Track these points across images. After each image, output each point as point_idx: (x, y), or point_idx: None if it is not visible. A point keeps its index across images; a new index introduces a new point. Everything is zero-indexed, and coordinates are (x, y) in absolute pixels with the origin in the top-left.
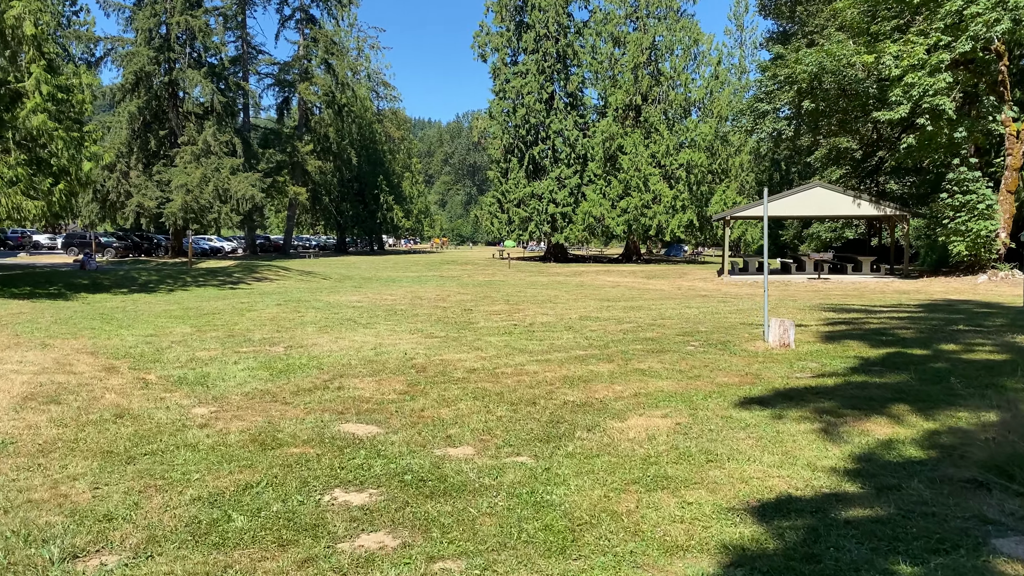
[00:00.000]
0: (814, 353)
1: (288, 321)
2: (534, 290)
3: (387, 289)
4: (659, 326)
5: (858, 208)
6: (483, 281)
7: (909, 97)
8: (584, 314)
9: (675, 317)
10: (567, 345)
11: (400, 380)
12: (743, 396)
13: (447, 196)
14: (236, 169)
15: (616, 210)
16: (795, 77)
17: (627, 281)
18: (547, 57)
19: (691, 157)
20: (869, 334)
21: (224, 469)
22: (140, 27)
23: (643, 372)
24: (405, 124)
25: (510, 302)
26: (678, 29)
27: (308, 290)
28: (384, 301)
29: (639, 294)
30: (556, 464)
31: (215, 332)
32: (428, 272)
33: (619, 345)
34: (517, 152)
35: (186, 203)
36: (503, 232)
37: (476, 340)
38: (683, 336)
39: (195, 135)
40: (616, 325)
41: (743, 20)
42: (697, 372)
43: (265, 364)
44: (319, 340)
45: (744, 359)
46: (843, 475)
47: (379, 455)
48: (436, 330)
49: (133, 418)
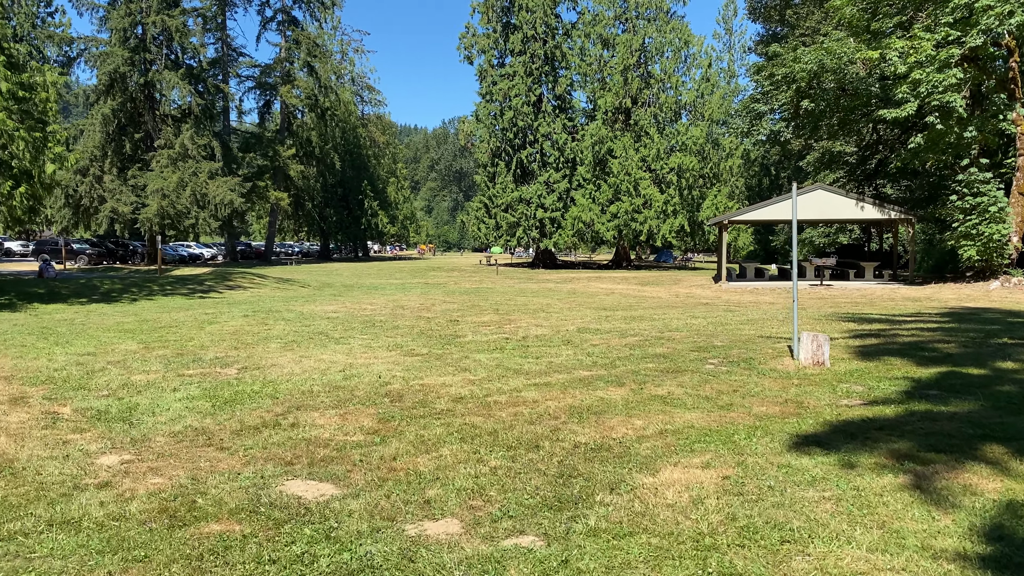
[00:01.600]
0: (855, 373)
1: (251, 335)
2: (524, 298)
3: (368, 298)
4: (668, 340)
5: (861, 211)
6: (470, 288)
7: (917, 94)
8: (582, 325)
9: (683, 329)
10: (568, 364)
11: (370, 413)
12: (794, 433)
13: (433, 202)
14: (215, 173)
15: (606, 215)
16: (794, 76)
17: (621, 288)
18: (535, 59)
19: (682, 161)
20: (907, 349)
21: (101, 569)
22: (115, 27)
23: (663, 400)
24: (390, 129)
25: (500, 312)
26: (668, 31)
27: (282, 299)
28: (363, 311)
29: (636, 302)
30: (575, 551)
31: (163, 350)
32: (413, 279)
33: (627, 363)
34: (504, 156)
35: (162, 208)
36: (490, 238)
37: (463, 358)
38: (698, 352)
39: (172, 138)
40: (619, 338)
41: (732, 24)
42: (727, 399)
43: (209, 392)
44: (281, 360)
45: (777, 382)
46: (981, 567)
47: (329, 537)
48: (418, 345)
49: (12, 474)
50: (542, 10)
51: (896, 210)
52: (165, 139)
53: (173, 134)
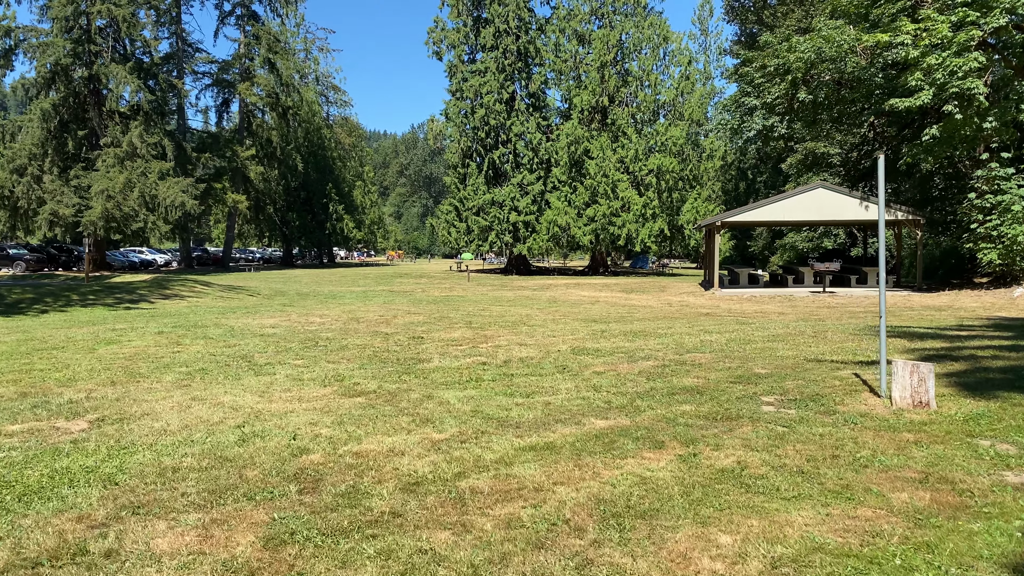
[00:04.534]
0: (980, 421)
1: (149, 362)
2: (500, 307)
3: (321, 308)
4: (692, 366)
5: (866, 212)
6: (439, 297)
7: (932, 81)
8: (576, 344)
9: (702, 348)
10: (572, 406)
11: (256, 524)
12: (996, 559)
13: (403, 208)
14: (166, 174)
15: (583, 219)
16: (788, 67)
17: (605, 296)
18: (507, 55)
19: (661, 162)
20: (1015, 379)
21: None
22: (57, 15)
23: (739, 480)
24: (357, 131)
25: (473, 325)
26: (646, 26)
27: (219, 311)
28: (308, 325)
29: (627, 312)
30: None
31: (10, 386)
32: (377, 286)
33: (653, 403)
34: (476, 156)
35: (107, 211)
36: (461, 242)
37: (424, 399)
38: (741, 385)
39: (120, 136)
40: (628, 363)
41: (708, 24)
42: (836, 476)
43: (11, 467)
44: (162, 405)
45: (882, 437)
46: None
47: None
48: (365, 377)
49: None
50: (515, 3)
51: (903, 210)
52: (112, 137)
53: (121, 132)
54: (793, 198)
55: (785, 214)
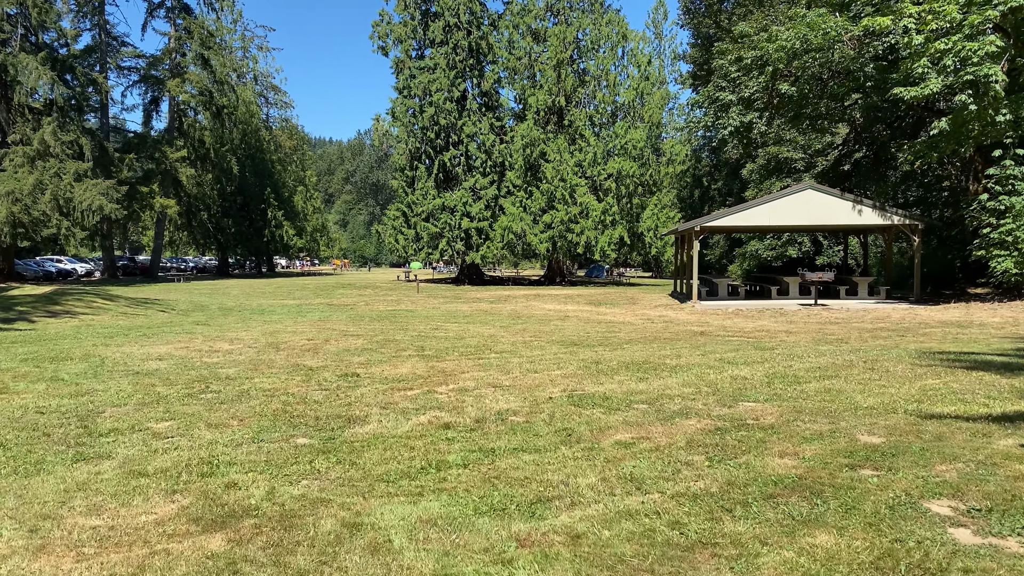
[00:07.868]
0: None
1: None
2: (457, 325)
3: (238, 329)
4: (759, 428)
5: (859, 216)
6: (385, 312)
7: (941, 68)
8: (570, 385)
9: (747, 394)
10: (616, 542)
11: None
12: None
13: (349, 216)
14: (82, 175)
15: (539, 225)
16: (767, 58)
17: (573, 310)
18: (458, 51)
19: (621, 166)
20: None
21: None
22: None
23: None
24: (297, 133)
25: (426, 353)
26: (604, 23)
27: (108, 333)
28: (211, 356)
29: (608, 332)
30: None
31: None
32: (315, 299)
33: (758, 528)
34: (425, 158)
35: (13, 215)
36: (410, 250)
37: (340, 538)
38: (867, 473)
39: (30, 134)
40: (661, 423)
41: (662, 28)
42: None
43: None
44: None
45: None
46: None
47: None
48: (252, 466)
49: None
50: None
51: (900, 214)
52: (21, 134)
53: (32, 129)
54: (781, 200)
55: (772, 218)
